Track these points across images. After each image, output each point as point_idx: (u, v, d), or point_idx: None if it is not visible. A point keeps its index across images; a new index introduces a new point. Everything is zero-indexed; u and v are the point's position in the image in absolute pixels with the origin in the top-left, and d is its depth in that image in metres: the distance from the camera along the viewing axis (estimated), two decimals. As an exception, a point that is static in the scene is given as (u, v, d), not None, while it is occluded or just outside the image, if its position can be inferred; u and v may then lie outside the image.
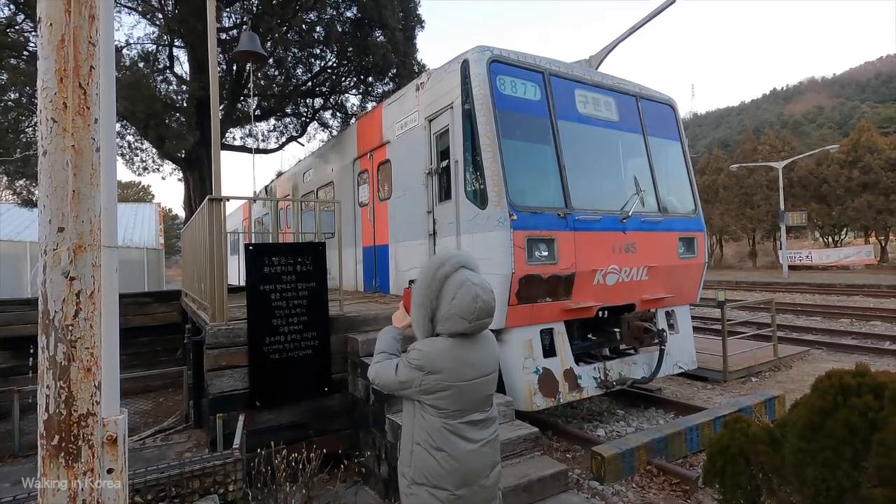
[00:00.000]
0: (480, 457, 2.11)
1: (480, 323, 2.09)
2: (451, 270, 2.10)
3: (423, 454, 2.09)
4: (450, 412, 2.07)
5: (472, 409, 2.12)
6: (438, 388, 2.05)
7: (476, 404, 2.13)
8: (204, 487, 3.10)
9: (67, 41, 1.13)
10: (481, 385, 2.13)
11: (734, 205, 38.59)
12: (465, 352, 2.10)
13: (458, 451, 2.06)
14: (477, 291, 2.06)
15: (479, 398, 2.14)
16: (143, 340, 9.17)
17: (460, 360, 2.08)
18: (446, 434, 2.07)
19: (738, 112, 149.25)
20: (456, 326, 2.06)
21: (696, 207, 6.70)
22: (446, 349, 2.08)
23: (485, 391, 2.16)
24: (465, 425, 2.10)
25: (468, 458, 2.08)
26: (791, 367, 8.46)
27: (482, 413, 2.16)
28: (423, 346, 2.12)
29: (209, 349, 4.43)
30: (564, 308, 5.18)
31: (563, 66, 5.87)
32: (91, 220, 1.15)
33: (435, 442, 2.07)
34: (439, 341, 2.12)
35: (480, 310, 2.05)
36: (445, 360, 2.06)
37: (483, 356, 2.16)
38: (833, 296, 19.22)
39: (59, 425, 1.10)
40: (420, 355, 2.08)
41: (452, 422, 2.08)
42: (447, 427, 2.07)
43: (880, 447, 2.27)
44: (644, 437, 4.80)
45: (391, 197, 6.89)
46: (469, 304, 2.03)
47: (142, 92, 9.71)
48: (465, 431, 2.09)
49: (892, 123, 68.02)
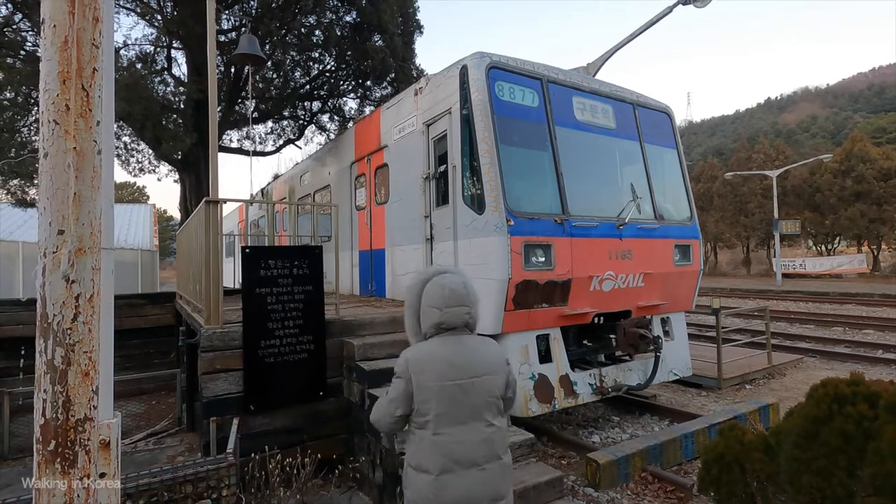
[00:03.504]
0: (474, 484, 1.98)
1: (453, 311, 2.09)
2: (430, 276, 2.20)
3: (413, 476, 2.05)
4: (439, 422, 2.00)
5: (464, 420, 2.02)
6: (423, 393, 2.02)
7: (467, 413, 2.03)
8: (197, 492, 3.07)
9: (71, 43, 1.12)
10: (469, 388, 2.04)
11: (729, 212, 38.79)
12: (448, 350, 2.09)
13: (446, 474, 1.97)
14: (444, 282, 2.13)
15: (471, 406, 2.04)
16: (136, 342, 9.10)
17: (442, 358, 2.06)
18: (434, 452, 1.99)
19: (733, 121, 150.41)
20: (431, 317, 2.11)
21: (691, 215, 6.74)
22: (427, 349, 2.12)
23: (476, 398, 2.05)
24: (456, 444, 1.99)
25: (457, 483, 1.97)
26: (785, 374, 8.50)
27: (476, 430, 2.03)
28: (406, 352, 2.16)
29: (204, 352, 4.40)
30: (560, 314, 5.19)
31: (562, 72, 5.90)
32: (91, 223, 1.15)
33: (422, 463, 2.01)
34: (422, 344, 2.16)
35: (448, 296, 2.09)
36: (426, 360, 2.07)
37: (470, 357, 2.10)
38: (826, 304, 19.35)
39: (55, 430, 1.08)
40: (401, 361, 2.12)
41: (442, 437, 1.99)
42: (436, 443, 1.99)
43: (875, 456, 2.28)
44: (639, 444, 4.81)
45: (388, 201, 6.89)
46: (437, 292, 2.11)
47: (139, 93, 9.68)
48: (456, 451, 1.99)
49: (884, 134, 68.80)
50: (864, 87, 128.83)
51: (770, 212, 31.05)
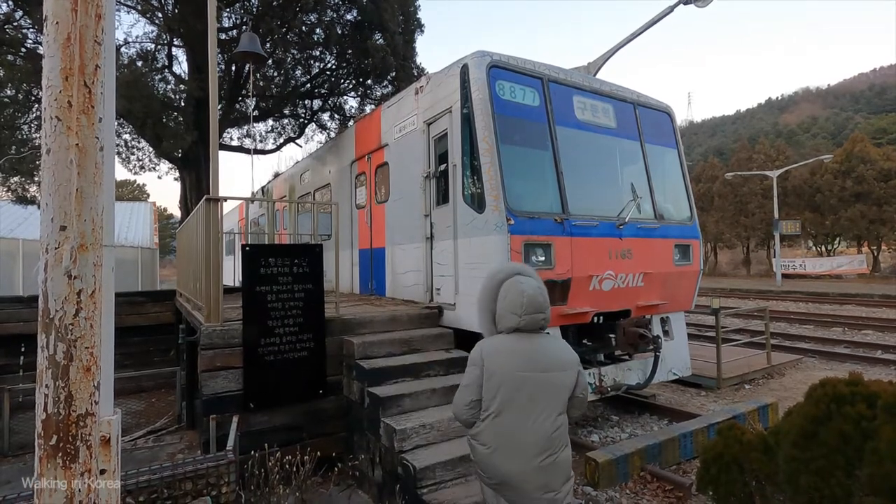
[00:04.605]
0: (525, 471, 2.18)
1: (531, 318, 2.29)
2: (505, 277, 2.42)
3: (472, 445, 2.33)
4: (504, 408, 2.21)
5: (528, 410, 2.21)
6: (493, 380, 2.24)
7: (531, 404, 2.21)
8: (196, 489, 3.07)
9: (73, 40, 1.13)
10: (537, 381, 2.23)
11: (729, 213, 38.77)
12: (522, 345, 2.29)
13: (500, 453, 2.21)
14: (523, 288, 2.32)
15: (536, 398, 2.22)
16: (136, 340, 9.11)
17: (513, 351, 2.28)
18: (494, 433, 2.22)
19: (734, 121, 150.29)
20: (509, 322, 2.32)
21: (691, 215, 6.74)
22: (502, 342, 2.33)
23: (542, 391, 2.23)
24: (517, 430, 2.20)
25: (509, 464, 2.19)
26: (784, 374, 8.51)
27: (538, 421, 2.21)
28: (481, 343, 2.39)
29: (203, 350, 4.40)
30: (560, 313, 5.19)
31: (562, 72, 5.90)
32: (93, 219, 1.15)
33: (482, 438, 2.27)
34: (496, 337, 2.38)
35: (528, 304, 2.28)
36: (499, 352, 2.29)
37: (540, 353, 2.29)
38: (826, 304, 19.35)
39: (57, 425, 1.09)
40: (476, 351, 2.36)
41: (504, 420, 2.21)
42: (498, 426, 2.22)
43: (873, 456, 2.28)
44: (638, 444, 4.81)
45: (388, 200, 6.89)
46: (517, 299, 2.29)
47: (140, 91, 9.66)
48: (516, 437, 2.20)
49: (885, 134, 68.73)
50: (865, 87, 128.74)
51: (770, 212, 31.04)
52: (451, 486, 3.65)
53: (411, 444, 3.90)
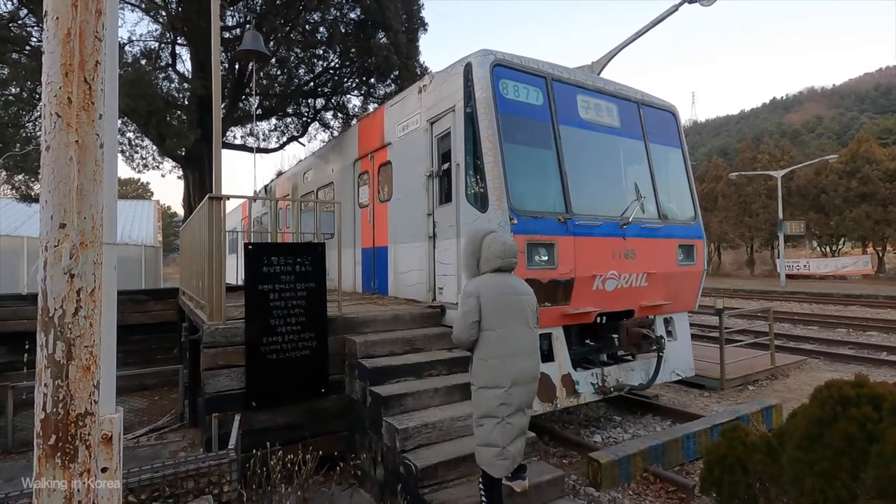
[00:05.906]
0: (526, 365, 3.12)
1: (509, 260, 3.25)
2: (485, 233, 3.35)
3: (483, 365, 3.09)
4: (500, 323, 3.08)
5: (515, 323, 3.12)
6: (487, 305, 3.09)
7: (517, 318, 3.14)
8: (199, 488, 3.08)
9: (73, 35, 1.12)
10: (517, 301, 3.19)
11: (733, 213, 38.64)
12: (500, 280, 3.22)
13: (509, 358, 3.05)
14: (504, 239, 3.30)
15: (519, 313, 3.16)
16: (139, 338, 9.13)
17: (498, 283, 3.20)
18: (499, 344, 3.05)
19: (738, 121, 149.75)
20: (493, 264, 3.22)
21: (695, 215, 6.71)
22: (487, 278, 3.22)
23: (521, 306, 3.19)
24: (513, 338, 3.10)
25: (516, 364, 3.07)
26: (788, 375, 8.46)
27: (524, 330, 3.15)
28: (472, 280, 3.27)
29: (206, 348, 4.40)
30: (563, 313, 5.17)
31: (566, 71, 5.87)
32: (93, 217, 1.14)
33: (491, 353, 3.07)
34: (483, 276, 3.26)
35: (507, 250, 3.24)
36: (488, 285, 3.17)
37: (514, 284, 3.27)
38: (830, 305, 19.25)
39: (56, 425, 1.08)
40: (470, 285, 3.22)
41: (503, 333, 3.07)
42: (500, 337, 3.06)
43: (878, 459, 2.26)
44: (641, 444, 4.79)
45: (391, 199, 6.88)
46: (500, 247, 3.23)
47: (143, 89, 9.67)
48: (513, 343, 3.09)
49: (890, 135, 68.31)
50: (871, 87, 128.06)
51: (774, 212, 30.90)
52: (452, 486, 3.64)
53: (413, 444, 3.90)
